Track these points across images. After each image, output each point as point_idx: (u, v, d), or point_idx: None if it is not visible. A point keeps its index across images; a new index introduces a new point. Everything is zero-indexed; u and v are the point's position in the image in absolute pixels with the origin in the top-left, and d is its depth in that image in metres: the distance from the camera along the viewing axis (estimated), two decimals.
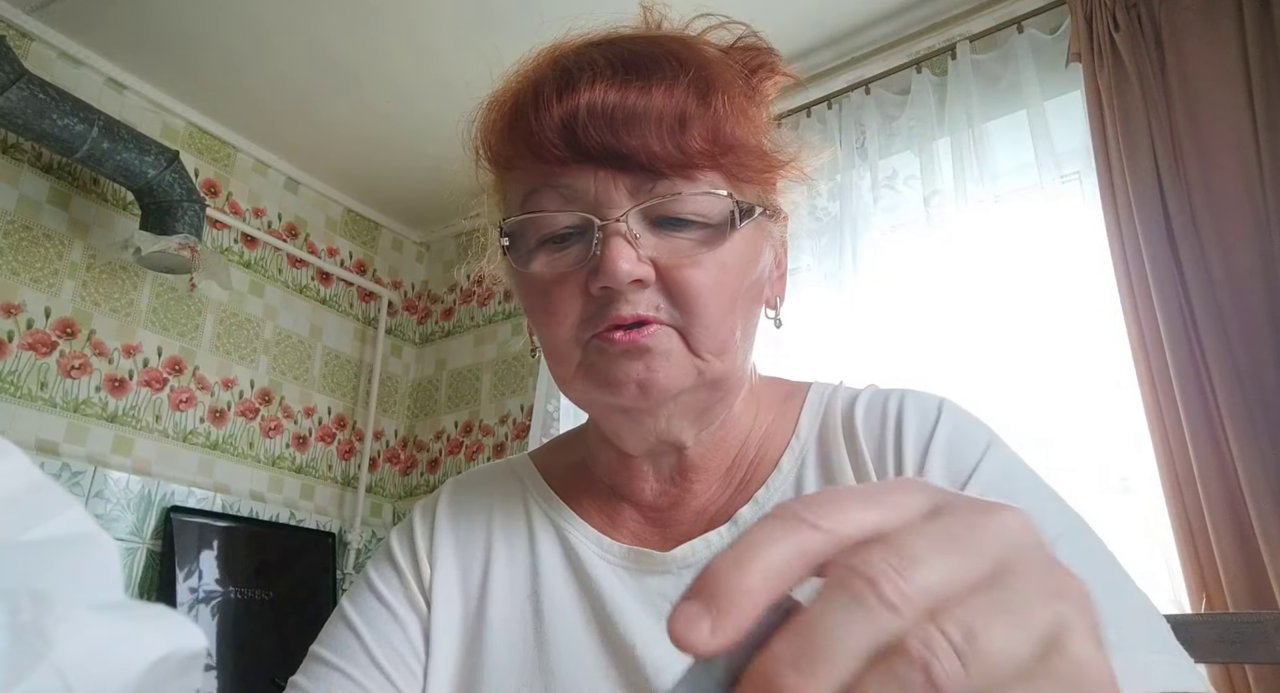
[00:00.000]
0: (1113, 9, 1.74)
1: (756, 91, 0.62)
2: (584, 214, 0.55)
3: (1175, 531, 1.47)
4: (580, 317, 0.56)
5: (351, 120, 2.54)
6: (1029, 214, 1.85)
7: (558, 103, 0.55)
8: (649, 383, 0.55)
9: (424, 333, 3.06)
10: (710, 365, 0.56)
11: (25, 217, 2.10)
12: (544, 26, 0.63)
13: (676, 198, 0.55)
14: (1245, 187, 1.53)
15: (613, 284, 0.53)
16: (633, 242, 0.54)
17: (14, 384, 2.01)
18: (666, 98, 0.54)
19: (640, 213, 0.55)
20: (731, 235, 0.56)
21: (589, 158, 0.54)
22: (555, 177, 0.56)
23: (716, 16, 0.64)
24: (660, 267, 0.55)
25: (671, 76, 0.55)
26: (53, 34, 2.19)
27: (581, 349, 0.56)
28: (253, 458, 2.47)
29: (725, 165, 0.56)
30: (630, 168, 0.54)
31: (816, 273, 2.05)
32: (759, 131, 0.59)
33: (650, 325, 0.54)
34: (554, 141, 0.55)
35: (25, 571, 0.15)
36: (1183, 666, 0.47)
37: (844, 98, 2.13)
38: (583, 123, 0.54)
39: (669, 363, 0.55)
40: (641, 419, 0.59)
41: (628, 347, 0.54)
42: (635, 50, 0.58)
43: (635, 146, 0.54)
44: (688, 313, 0.55)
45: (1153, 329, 1.55)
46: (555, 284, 0.56)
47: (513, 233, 0.58)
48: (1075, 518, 0.56)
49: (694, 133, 0.54)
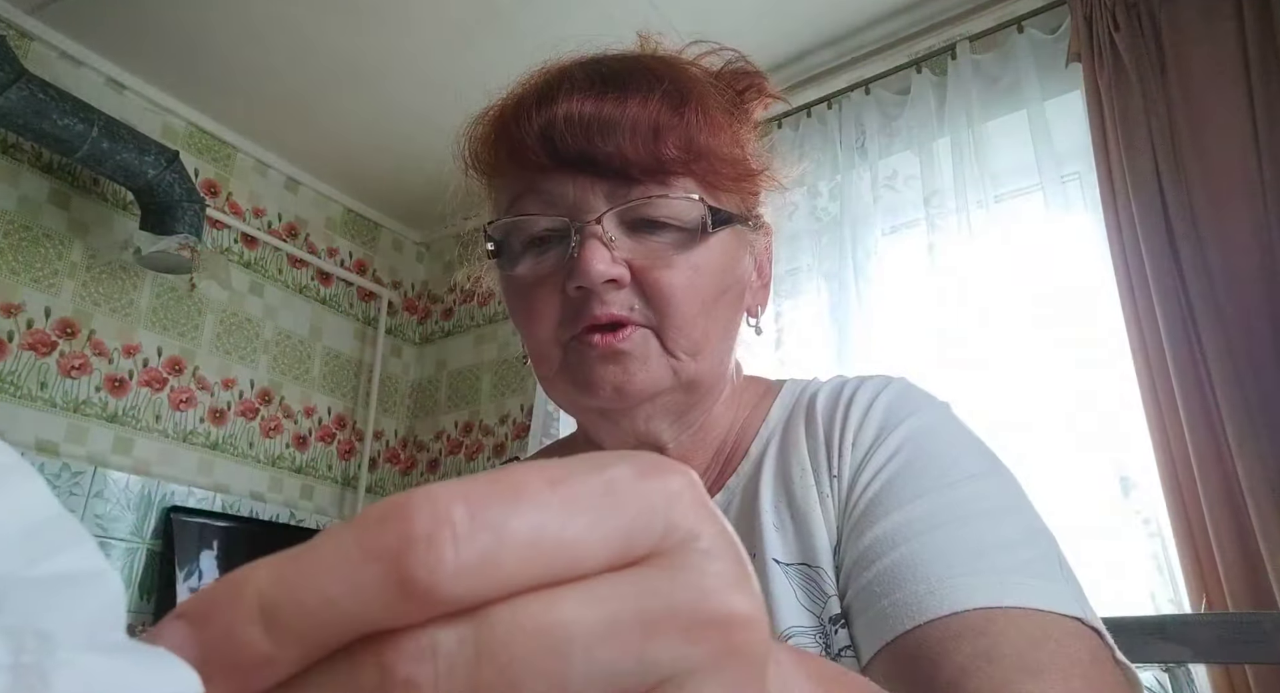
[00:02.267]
0: (1113, 9, 1.74)
1: (741, 110, 0.66)
2: (562, 217, 0.58)
3: (1175, 531, 1.47)
4: (559, 317, 0.58)
5: (351, 120, 2.54)
6: (1029, 214, 1.85)
7: (537, 113, 0.58)
8: (625, 386, 0.57)
9: (424, 333, 3.06)
10: (685, 366, 0.58)
11: (25, 217, 2.10)
12: (542, 29, 0.64)
13: (650, 201, 0.57)
14: (1245, 187, 1.53)
15: (587, 284, 0.55)
16: (608, 243, 0.56)
17: (14, 384, 2.01)
18: (640, 108, 0.57)
19: (616, 216, 0.57)
20: (705, 239, 0.59)
21: (567, 164, 0.57)
22: (537, 182, 0.59)
23: (709, 43, 0.67)
24: (635, 268, 0.57)
25: (647, 89, 0.58)
26: (53, 34, 2.19)
27: (561, 350, 0.59)
28: (253, 458, 2.47)
29: (698, 172, 0.59)
30: (606, 174, 0.57)
31: (816, 273, 2.05)
32: (735, 143, 0.62)
33: (626, 328, 0.57)
34: (534, 148, 0.58)
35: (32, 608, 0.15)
36: (1055, 592, 0.48)
37: (844, 98, 2.13)
38: (560, 131, 0.57)
39: (645, 366, 0.57)
40: (619, 421, 0.61)
41: (604, 351, 0.56)
42: (613, 66, 0.61)
43: (610, 153, 0.56)
44: (661, 312, 0.57)
45: (1153, 329, 1.55)
46: (535, 286, 0.59)
47: (498, 237, 0.61)
48: (995, 466, 0.57)
49: (667, 141, 0.57)
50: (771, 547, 0.59)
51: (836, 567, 0.56)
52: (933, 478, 0.54)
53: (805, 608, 0.56)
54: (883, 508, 0.54)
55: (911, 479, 0.55)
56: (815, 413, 0.64)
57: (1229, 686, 1.35)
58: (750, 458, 0.65)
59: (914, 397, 0.62)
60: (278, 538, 2.43)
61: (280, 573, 0.16)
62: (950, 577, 0.48)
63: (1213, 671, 1.35)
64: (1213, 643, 0.76)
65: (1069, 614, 0.47)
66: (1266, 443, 1.40)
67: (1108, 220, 1.66)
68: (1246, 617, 0.77)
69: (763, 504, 0.61)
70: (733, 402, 0.68)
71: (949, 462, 0.56)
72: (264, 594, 0.16)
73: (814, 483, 0.59)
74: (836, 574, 0.56)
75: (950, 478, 0.54)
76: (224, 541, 2.26)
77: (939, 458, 0.56)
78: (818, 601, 0.56)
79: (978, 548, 0.49)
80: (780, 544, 0.59)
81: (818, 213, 2.08)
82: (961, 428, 0.60)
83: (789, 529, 0.59)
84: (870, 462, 0.57)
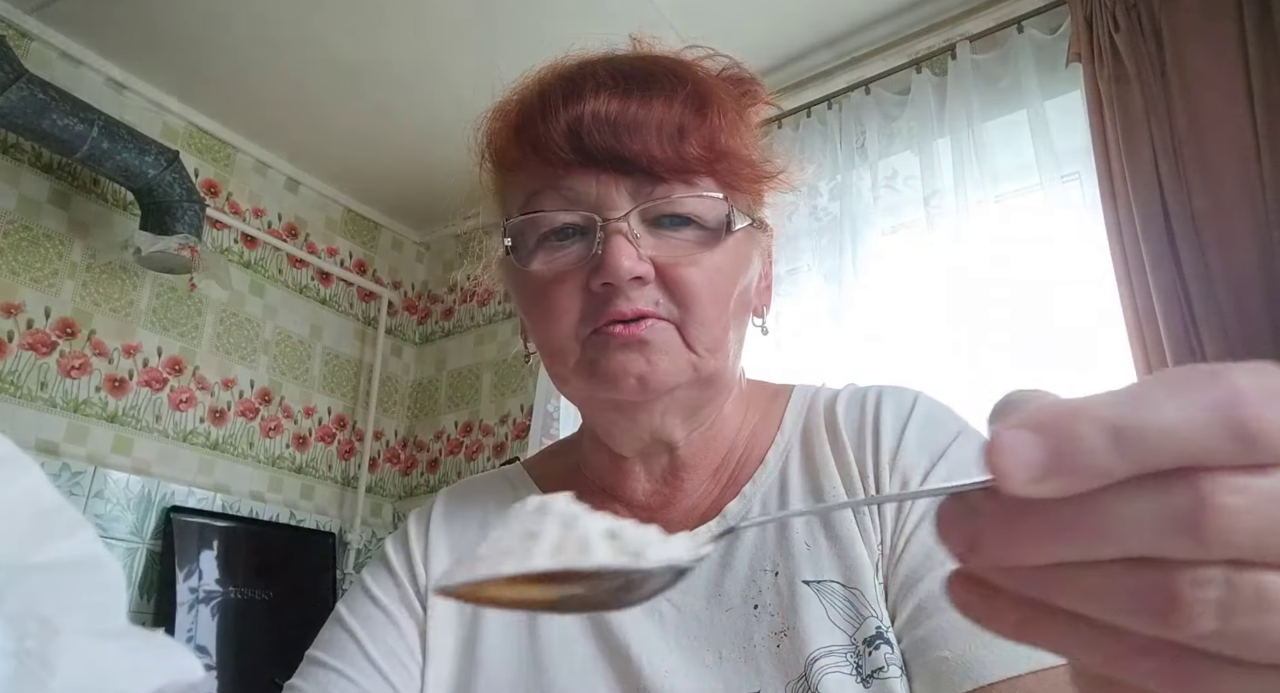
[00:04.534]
0: (1113, 9, 1.74)
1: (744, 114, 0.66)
2: (588, 213, 0.58)
3: None
4: (580, 314, 0.58)
5: (351, 120, 2.53)
6: (1029, 214, 1.85)
7: (564, 110, 0.58)
8: (647, 376, 0.57)
9: (424, 333, 3.06)
10: (705, 362, 0.59)
11: (25, 217, 2.10)
12: (543, 28, 0.65)
13: (674, 200, 0.58)
14: (1245, 187, 1.53)
15: (615, 280, 0.56)
16: (633, 241, 0.57)
17: (14, 384, 2.02)
18: (666, 109, 0.58)
19: (640, 214, 0.58)
20: (726, 238, 0.60)
21: (592, 161, 0.58)
22: (559, 179, 0.59)
23: (703, 48, 0.68)
24: (659, 265, 0.58)
25: (670, 90, 0.59)
26: (53, 34, 2.19)
27: (581, 345, 0.59)
28: (253, 458, 2.47)
29: (719, 172, 0.60)
30: (631, 171, 0.58)
31: (816, 273, 2.05)
32: (749, 146, 0.63)
33: (648, 319, 0.57)
34: (560, 145, 0.58)
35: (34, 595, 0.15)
36: None
37: (844, 98, 2.13)
38: (588, 128, 0.57)
39: (666, 356, 0.57)
40: (636, 416, 0.61)
41: (627, 340, 0.57)
42: (635, 66, 0.62)
43: (637, 151, 0.57)
44: (685, 308, 0.58)
45: (1153, 329, 1.55)
46: (555, 283, 0.59)
47: (514, 233, 0.61)
48: None
49: (692, 141, 0.58)
50: (801, 566, 0.59)
51: (885, 587, 0.57)
52: None
53: (837, 627, 0.56)
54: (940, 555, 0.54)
55: None
56: (838, 427, 0.64)
57: None
58: (768, 467, 0.65)
59: (948, 420, 0.63)
60: (278, 538, 2.43)
61: (1124, 404, 0.20)
62: None
63: None
64: None
65: None
66: None
67: (1108, 220, 1.66)
68: None
69: (794, 521, 0.61)
70: (741, 403, 0.68)
71: None
72: (1113, 417, 0.19)
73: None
74: (885, 595, 0.57)
75: None
76: (224, 541, 2.26)
77: None
78: (852, 621, 0.56)
79: None
80: (810, 563, 0.59)
81: (818, 213, 2.08)
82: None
83: (822, 547, 0.59)
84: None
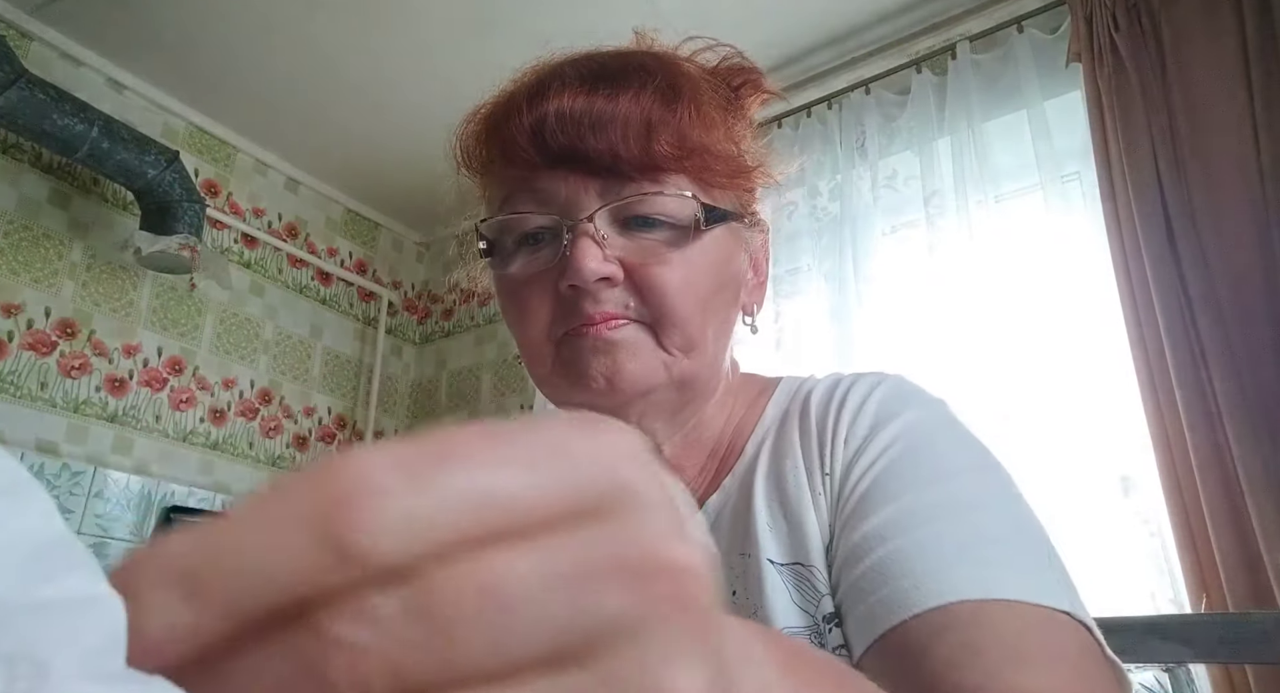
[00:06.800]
0: (1113, 9, 1.74)
1: (736, 105, 0.65)
2: (554, 215, 0.58)
3: (1175, 531, 1.47)
4: (551, 316, 0.58)
5: (351, 120, 2.53)
6: (1029, 214, 1.85)
7: (528, 110, 0.58)
8: (614, 377, 0.56)
9: (424, 333, 3.06)
10: (678, 362, 0.58)
11: (25, 217, 2.10)
12: (542, 28, 0.65)
13: (643, 199, 0.57)
14: (1245, 186, 1.53)
15: (579, 282, 0.55)
16: (600, 241, 0.56)
17: (14, 384, 2.01)
18: (632, 104, 0.57)
19: (609, 214, 0.57)
20: (698, 236, 0.58)
21: (558, 161, 0.57)
22: (529, 181, 0.59)
23: (705, 39, 0.67)
24: (628, 266, 0.57)
25: (639, 85, 0.58)
26: (53, 34, 2.19)
27: (554, 346, 0.59)
28: (253, 458, 2.47)
29: (691, 169, 0.58)
30: (598, 171, 0.57)
31: (816, 273, 2.05)
32: (730, 139, 0.61)
33: (619, 320, 0.56)
34: (524, 146, 0.57)
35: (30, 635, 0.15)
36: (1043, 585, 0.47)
37: (844, 98, 2.13)
38: (550, 128, 0.56)
39: (635, 358, 0.57)
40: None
41: (595, 341, 0.56)
42: (605, 63, 0.60)
43: (601, 149, 0.56)
44: (656, 309, 0.57)
45: (1153, 329, 1.55)
46: (527, 285, 0.59)
47: (491, 236, 0.61)
48: (987, 460, 0.56)
49: (660, 137, 0.56)
50: (766, 547, 0.58)
51: (829, 564, 0.56)
52: (923, 473, 0.54)
53: (800, 608, 0.56)
54: (873, 504, 0.54)
55: (902, 475, 0.54)
56: (809, 410, 0.63)
57: (1229, 686, 1.35)
58: (745, 457, 0.64)
59: (908, 393, 0.61)
60: None
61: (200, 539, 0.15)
62: (937, 571, 0.48)
63: (1213, 671, 1.35)
64: (1213, 643, 0.76)
65: (1058, 607, 0.46)
66: (1266, 443, 1.40)
67: (1108, 220, 1.66)
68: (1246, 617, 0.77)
69: (756, 504, 0.60)
70: (727, 400, 0.67)
71: (940, 457, 0.55)
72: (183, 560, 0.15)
73: (807, 481, 0.59)
74: (829, 572, 0.56)
75: (941, 473, 0.54)
76: None
77: (930, 453, 0.55)
78: (811, 600, 0.56)
79: (966, 541, 0.49)
80: (774, 544, 0.58)
81: (818, 213, 2.08)
82: (955, 424, 0.59)
83: (782, 529, 0.58)
84: (862, 458, 0.57)
